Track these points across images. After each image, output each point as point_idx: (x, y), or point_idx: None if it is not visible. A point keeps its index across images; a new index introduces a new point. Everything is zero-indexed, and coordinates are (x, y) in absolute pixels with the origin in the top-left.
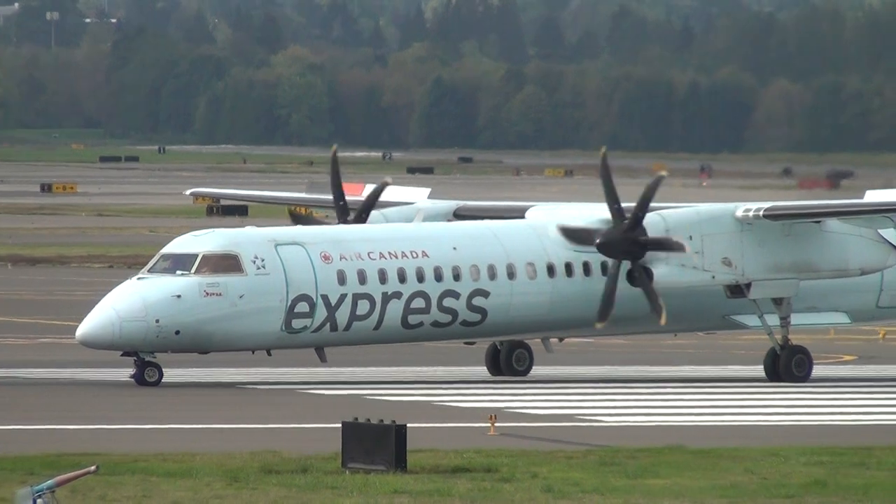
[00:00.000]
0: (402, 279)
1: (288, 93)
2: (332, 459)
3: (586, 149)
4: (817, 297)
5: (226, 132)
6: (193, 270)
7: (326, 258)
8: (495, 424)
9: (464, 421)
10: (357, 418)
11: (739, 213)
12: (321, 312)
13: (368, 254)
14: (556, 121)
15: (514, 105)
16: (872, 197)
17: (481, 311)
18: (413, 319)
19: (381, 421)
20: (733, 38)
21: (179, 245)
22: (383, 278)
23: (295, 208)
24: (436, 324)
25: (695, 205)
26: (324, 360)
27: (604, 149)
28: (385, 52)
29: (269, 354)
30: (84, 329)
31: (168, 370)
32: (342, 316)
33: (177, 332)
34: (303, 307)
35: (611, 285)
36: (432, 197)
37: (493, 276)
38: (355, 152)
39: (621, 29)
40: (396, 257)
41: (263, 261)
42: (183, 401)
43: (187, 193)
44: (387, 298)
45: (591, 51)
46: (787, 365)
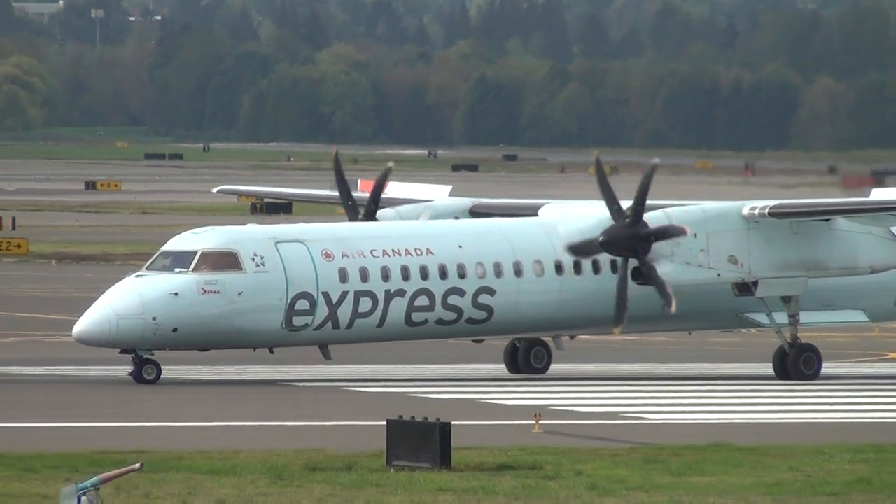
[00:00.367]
0: (406, 277)
1: (332, 90)
2: (376, 457)
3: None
4: (834, 294)
5: (270, 130)
6: (192, 268)
7: (328, 256)
8: (540, 422)
9: (508, 418)
10: (402, 416)
11: (746, 211)
12: (322, 310)
13: (371, 251)
14: (600, 118)
15: (559, 103)
16: (879, 195)
17: (487, 309)
18: (417, 317)
19: (426, 419)
20: (778, 36)
21: (179, 242)
22: (386, 276)
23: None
24: (440, 321)
25: (701, 202)
26: (328, 357)
27: (597, 151)
28: (429, 50)
29: (272, 352)
30: (81, 326)
31: (202, 368)
32: (344, 314)
33: (174, 330)
34: (303, 305)
35: (622, 287)
36: (453, 194)
37: (499, 273)
38: (400, 150)
39: (665, 26)
40: (400, 255)
41: (263, 258)
42: (227, 398)
43: (214, 191)
44: (390, 296)
45: (635, 48)
46: (795, 363)
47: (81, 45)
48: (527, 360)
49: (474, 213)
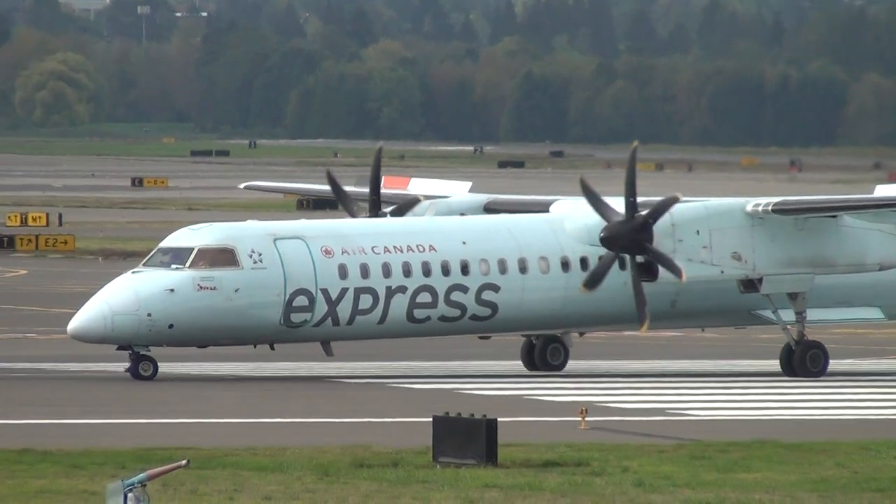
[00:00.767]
0: (408, 273)
1: (379, 87)
2: (423, 453)
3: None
4: (850, 291)
5: (317, 126)
6: (188, 264)
7: (327, 252)
8: (586, 418)
9: (554, 415)
10: (448, 412)
11: (749, 208)
12: (321, 307)
13: (372, 248)
14: (646, 115)
15: (605, 99)
16: (883, 192)
17: (491, 306)
18: (419, 314)
19: (472, 415)
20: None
21: (176, 239)
22: (387, 272)
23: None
24: (443, 318)
25: (705, 199)
26: (330, 354)
27: (635, 143)
28: (476, 47)
29: (273, 349)
30: (76, 323)
31: (245, 364)
32: (344, 310)
33: (170, 326)
34: (301, 301)
35: (637, 285)
36: (473, 191)
37: (503, 270)
38: (446, 146)
39: (712, 23)
40: (402, 251)
41: (261, 255)
42: (273, 395)
43: (241, 187)
44: (391, 293)
45: (682, 45)
46: (801, 360)
47: (128, 42)
48: (543, 357)
49: (488, 209)
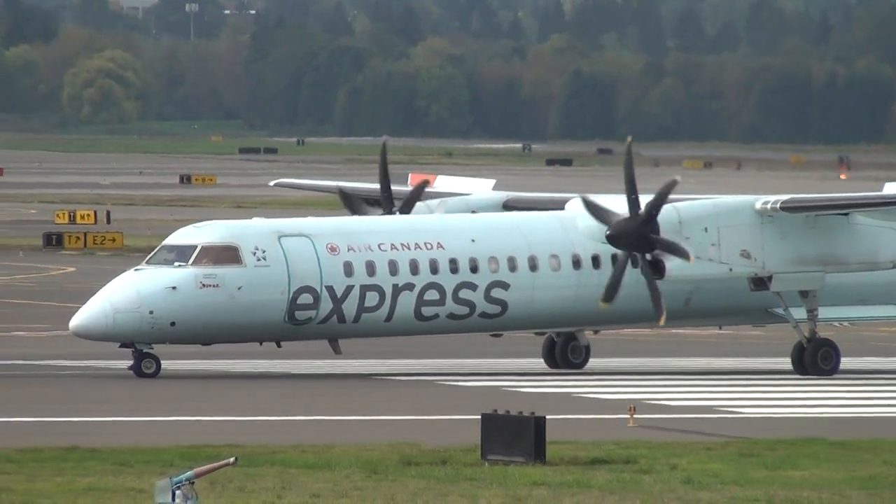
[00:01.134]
0: (415, 271)
1: (427, 84)
2: (471, 451)
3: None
4: (868, 290)
5: (365, 124)
6: (191, 262)
7: (333, 250)
8: (634, 416)
9: (602, 412)
10: (496, 410)
11: (759, 206)
12: (326, 304)
13: (379, 245)
14: (694, 112)
15: (653, 97)
16: (892, 189)
17: (501, 304)
18: (427, 311)
19: (521, 412)
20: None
21: (180, 236)
22: (394, 270)
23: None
24: (452, 316)
25: (713, 197)
26: (338, 351)
27: (629, 139)
28: (524, 45)
29: (279, 346)
30: (77, 320)
31: (291, 361)
32: (350, 308)
33: (172, 324)
34: (306, 299)
35: (651, 283)
36: (497, 188)
37: (513, 268)
38: (494, 144)
39: (760, 20)
40: (409, 249)
41: (265, 252)
42: (321, 392)
43: (271, 185)
44: (398, 290)
45: (729, 42)
46: (812, 358)
47: (176, 40)
48: (564, 355)
49: (507, 207)
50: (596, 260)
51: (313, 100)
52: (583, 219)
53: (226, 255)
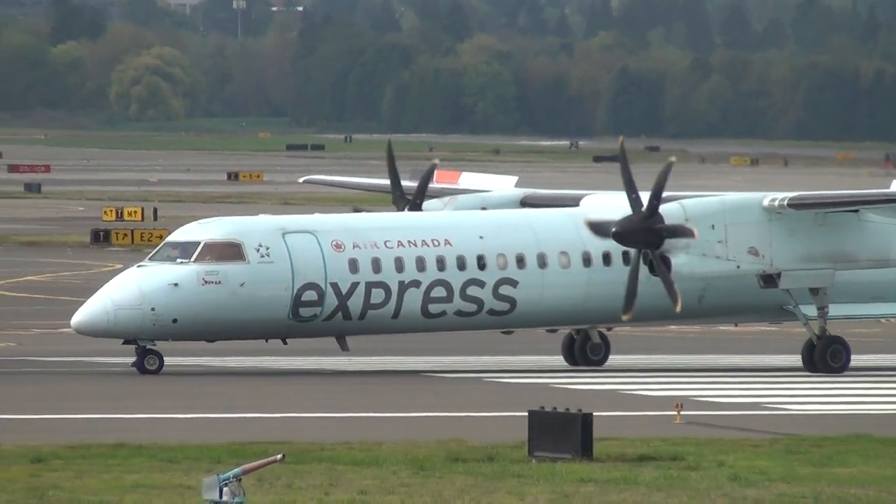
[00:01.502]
0: (421, 268)
1: (474, 81)
2: (518, 448)
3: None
4: (885, 288)
5: (412, 120)
6: (193, 259)
7: (338, 247)
8: (681, 413)
9: (649, 409)
10: (543, 407)
11: (766, 203)
12: (331, 301)
13: (385, 242)
14: (741, 109)
15: (700, 94)
16: None
17: (510, 301)
18: (434, 308)
19: (568, 409)
20: None
21: (184, 233)
22: (400, 267)
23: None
24: (460, 313)
25: (721, 194)
26: (345, 349)
27: (622, 138)
28: (571, 41)
29: (285, 343)
30: (79, 317)
31: (327, 358)
32: (355, 304)
33: (174, 321)
34: (310, 296)
35: (668, 280)
36: (519, 185)
37: (522, 265)
38: (541, 141)
39: (807, 17)
40: (416, 246)
41: (268, 249)
42: (368, 389)
43: (301, 181)
44: (404, 287)
45: (776, 39)
46: (822, 355)
47: (223, 36)
48: (583, 352)
49: (525, 203)
50: (607, 257)
51: (360, 97)
52: (594, 216)
53: (229, 251)
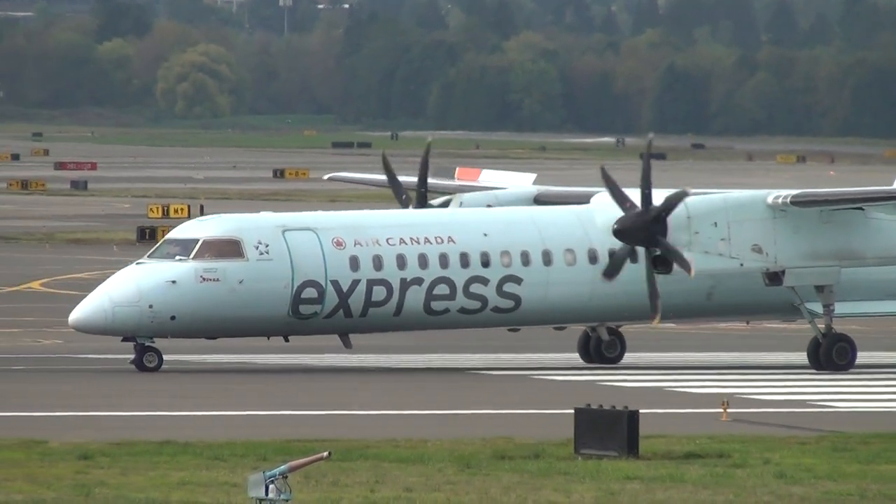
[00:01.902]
0: (424, 265)
1: (520, 78)
2: (564, 445)
3: (818, 135)
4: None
5: (458, 118)
6: (192, 256)
7: (339, 244)
8: (728, 410)
9: (696, 407)
10: (590, 404)
11: (770, 200)
12: (332, 298)
13: (387, 240)
14: (787, 107)
15: (747, 91)
16: None
17: (514, 298)
18: (437, 306)
19: (614, 407)
20: None
21: (183, 230)
22: (402, 264)
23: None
24: (463, 310)
25: (725, 191)
26: (348, 346)
27: (650, 134)
28: (618, 39)
29: (287, 340)
30: (77, 314)
31: (374, 356)
32: (356, 302)
33: (172, 318)
34: (310, 293)
35: (650, 279)
36: (537, 183)
37: (526, 262)
38: (587, 138)
39: (854, 14)
40: (418, 243)
41: (268, 246)
42: (414, 386)
43: (325, 178)
44: (406, 285)
45: (823, 36)
46: (828, 353)
47: (269, 34)
48: (599, 350)
49: (538, 201)
50: (613, 255)
51: (406, 94)
52: (601, 213)
53: (228, 248)
